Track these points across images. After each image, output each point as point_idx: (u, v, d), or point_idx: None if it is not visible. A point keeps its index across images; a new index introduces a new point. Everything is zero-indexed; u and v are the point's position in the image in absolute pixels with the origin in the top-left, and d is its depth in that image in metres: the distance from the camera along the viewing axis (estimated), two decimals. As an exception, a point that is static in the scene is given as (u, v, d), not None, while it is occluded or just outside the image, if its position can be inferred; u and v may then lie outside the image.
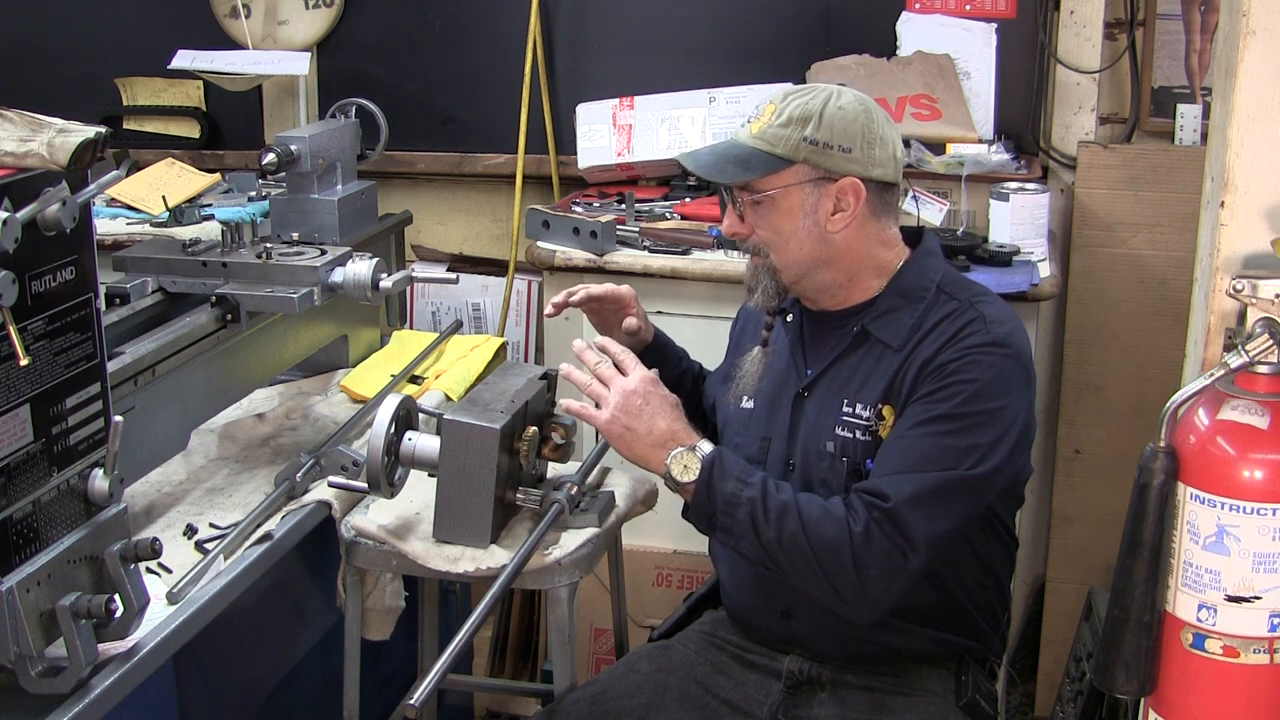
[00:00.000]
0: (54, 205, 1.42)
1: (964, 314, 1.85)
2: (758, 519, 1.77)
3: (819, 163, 1.83)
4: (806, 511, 1.77)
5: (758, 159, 1.84)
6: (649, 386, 1.87)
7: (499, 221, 3.46)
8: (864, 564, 1.74)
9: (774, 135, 1.84)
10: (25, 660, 1.45)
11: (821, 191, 1.84)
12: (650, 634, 2.16)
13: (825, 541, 1.75)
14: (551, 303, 2.13)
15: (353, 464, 2.11)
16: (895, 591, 1.76)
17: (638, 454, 1.85)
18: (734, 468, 1.81)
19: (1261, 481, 1.32)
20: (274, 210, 2.60)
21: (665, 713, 1.93)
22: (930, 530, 1.75)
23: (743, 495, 1.78)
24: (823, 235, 1.86)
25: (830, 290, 1.92)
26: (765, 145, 1.84)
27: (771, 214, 1.86)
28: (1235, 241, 1.41)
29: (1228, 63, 1.40)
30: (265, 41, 3.41)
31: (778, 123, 1.84)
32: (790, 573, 1.78)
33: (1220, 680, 1.38)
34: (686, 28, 3.24)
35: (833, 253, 1.88)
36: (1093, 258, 2.96)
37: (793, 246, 1.87)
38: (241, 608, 1.86)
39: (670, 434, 1.84)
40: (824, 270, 1.89)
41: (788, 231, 1.86)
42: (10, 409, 1.42)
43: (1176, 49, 3.01)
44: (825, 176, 1.84)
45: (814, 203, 1.84)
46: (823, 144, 1.82)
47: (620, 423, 1.85)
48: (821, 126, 1.82)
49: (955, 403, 1.78)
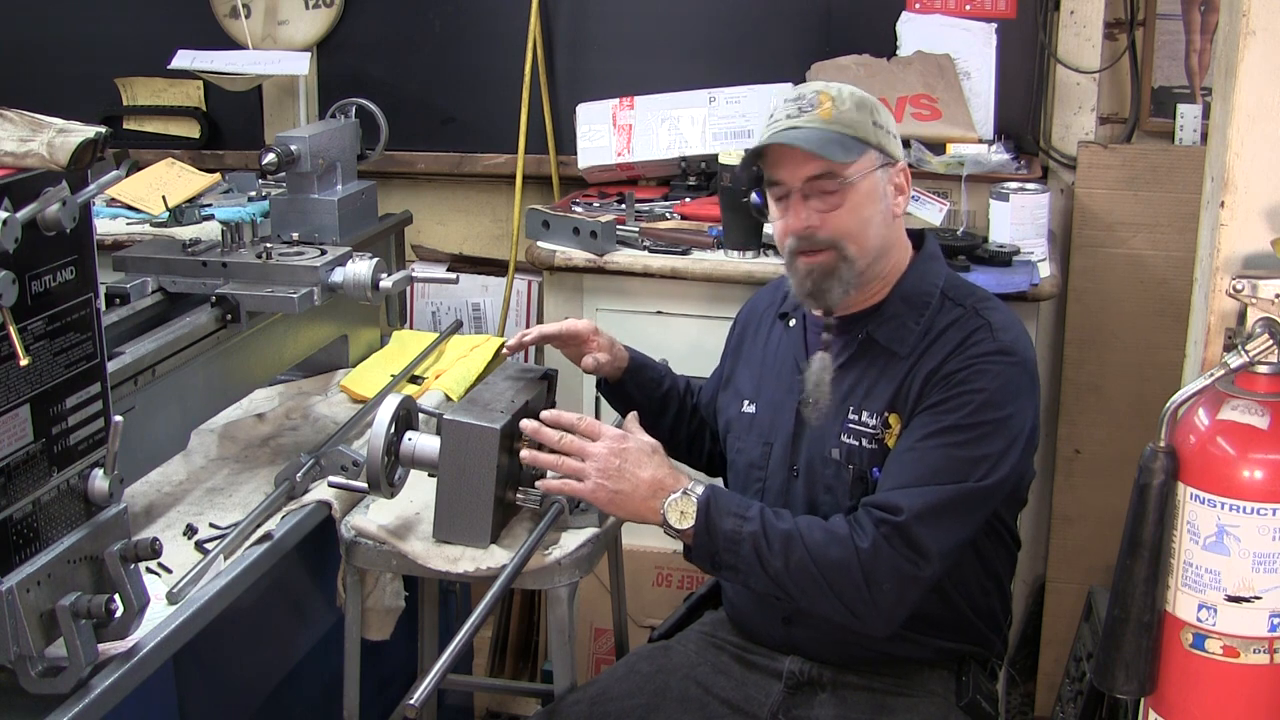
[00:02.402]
0: (54, 205, 1.42)
1: (969, 321, 1.85)
2: (762, 552, 1.75)
3: (885, 146, 1.86)
4: (810, 536, 1.75)
5: (848, 143, 1.82)
6: (620, 445, 1.83)
7: (499, 221, 3.46)
8: (874, 579, 1.73)
9: (851, 120, 1.83)
10: (25, 660, 1.45)
11: (889, 175, 1.87)
12: (650, 634, 2.16)
13: (832, 563, 1.74)
14: (506, 345, 2.10)
15: (353, 464, 2.11)
16: (909, 603, 1.76)
17: (631, 512, 1.82)
18: (730, 504, 1.79)
19: (1261, 481, 1.32)
20: (274, 210, 2.60)
21: (665, 713, 1.93)
22: (943, 543, 1.75)
23: (744, 531, 1.76)
24: (890, 220, 1.88)
25: (871, 286, 1.90)
26: (847, 129, 1.83)
27: (852, 199, 1.83)
28: (1235, 241, 1.41)
29: (1228, 63, 1.40)
30: (265, 41, 3.41)
31: (846, 108, 1.84)
32: (801, 599, 1.78)
33: (1220, 680, 1.38)
34: (686, 28, 3.24)
35: (893, 238, 1.90)
36: (1093, 258, 2.96)
37: (872, 232, 1.85)
38: (241, 608, 1.86)
39: (656, 483, 1.80)
40: (884, 259, 1.89)
41: (868, 216, 1.85)
42: (10, 409, 1.42)
43: (1176, 49, 3.00)
44: (888, 161, 1.87)
45: (884, 186, 1.86)
46: (885, 129, 1.86)
47: (606, 489, 1.81)
48: (877, 111, 1.86)
49: (964, 413, 1.77)
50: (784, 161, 1.84)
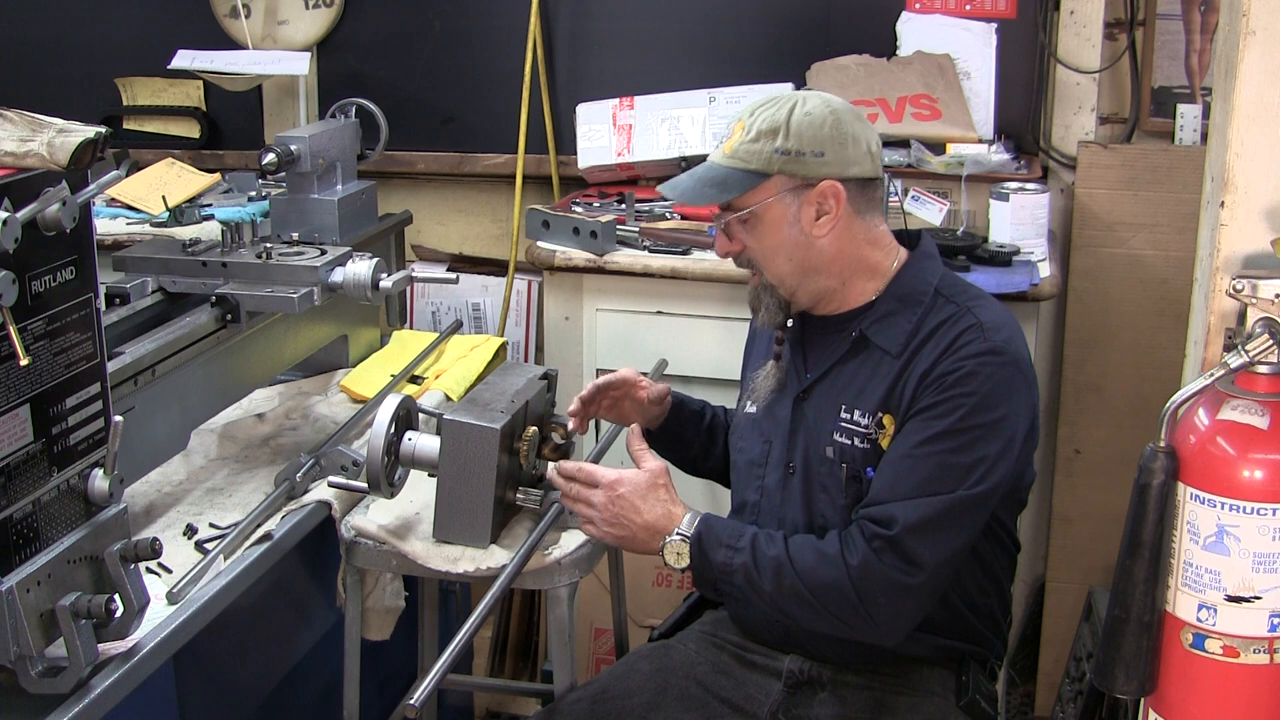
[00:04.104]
0: (54, 205, 1.42)
1: (961, 320, 1.84)
2: (754, 580, 1.80)
3: (794, 171, 1.83)
4: (800, 561, 1.79)
5: (734, 178, 1.85)
6: (614, 491, 1.87)
7: (499, 221, 3.46)
8: (867, 595, 1.75)
9: (746, 152, 1.85)
10: (25, 660, 1.45)
11: (801, 199, 1.84)
12: (650, 634, 2.16)
13: (823, 585, 1.77)
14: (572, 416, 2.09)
15: (353, 464, 2.11)
16: (909, 613, 1.78)
17: (639, 551, 1.90)
18: (722, 534, 1.84)
19: (1261, 481, 1.32)
20: (274, 210, 2.60)
21: (665, 712, 1.93)
22: (938, 552, 1.76)
23: (735, 562, 1.81)
24: (809, 243, 1.86)
25: (827, 296, 1.92)
26: (740, 163, 1.85)
27: (757, 229, 1.87)
28: (1235, 241, 1.41)
29: (1228, 63, 1.40)
30: (265, 41, 3.41)
31: (747, 139, 1.85)
32: (800, 620, 1.83)
33: (1220, 680, 1.38)
34: (686, 28, 3.24)
35: (822, 259, 1.88)
36: (1093, 258, 2.96)
37: (781, 258, 1.88)
38: (241, 608, 1.86)
39: (651, 527, 1.86)
40: (816, 277, 1.89)
41: (774, 244, 1.87)
42: (10, 409, 1.42)
43: (1176, 49, 3.00)
44: (803, 184, 1.84)
45: (795, 212, 1.85)
46: (794, 152, 1.83)
47: (612, 534, 1.88)
48: (790, 135, 1.82)
49: (956, 418, 1.77)
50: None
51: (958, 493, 1.76)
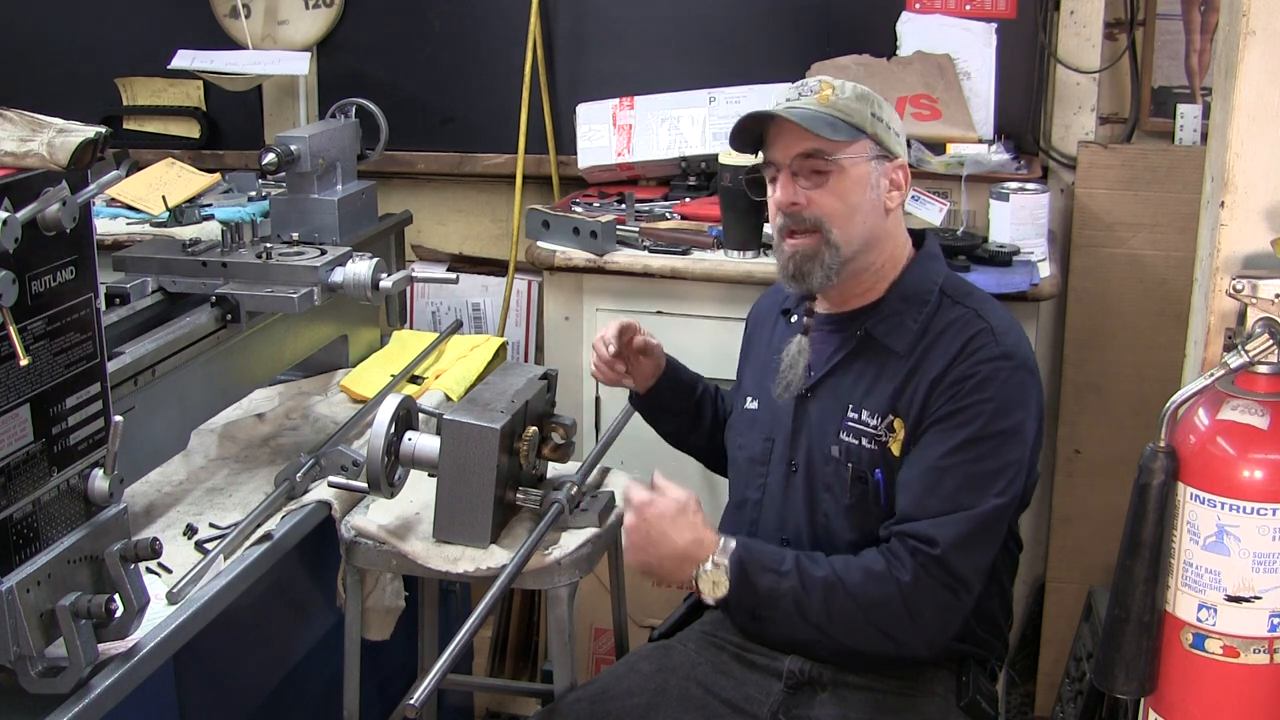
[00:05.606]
0: (54, 205, 1.42)
1: (971, 324, 1.85)
2: (803, 605, 1.78)
3: (882, 139, 1.86)
4: (849, 580, 1.77)
5: (840, 126, 1.84)
6: (642, 514, 1.83)
7: (499, 221, 3.46)
8: (917, 609, 1.76)
9: (847, 106, 1.85)
10: (25, 660, 1.45)
11: (884, 168, 1.87)
12: (650, 634, 2.16)
13: (875, 602, 1.77)
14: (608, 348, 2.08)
15: (353, 464, 2.11)
16: (950, 629, 1.80)
17: (669, 579, 1.85)
18: (763, 558, 1.81)
19: (1261, 481, 1.33)
20: (274, 210, 2.60)
21: (665, 712, 1.93)
22: (979, 566, 1.79)
23: (782, 587, 1.79)
24: (881, 212, 1.88)
25: (861, 278, 1.91)
26: (842, 115, 1.84)
27: (841, 184, 1.85)
28: (1235, 241, 1.41)
29: (1228, 63, 1.40)
30: (265, 41, 3.41)
31: (846, 96, 1.85)
32: (845, 640, 1.81)
33: (1220, 680, 1.38)
34: (686, 28, 3.24)
35: (884, 231, 1.89)
36: (1093, 258, 2.96)
37: (858, 219, 1.86)
38: (241, 608, 1.86)
39: (683, 554, 1.81)
40: (872, 251, 1.89)
41: (855, 203, 1.86)
42: (10, 409, 1.42)
43: (1176, 49, 3.00)
44: (884, 155, 1.87)
45: (877, 177, 1.87)
46: (885, 122, 1.87)
47: (640, 559, 1.84)
48: (880, 106, 1.87)
49: (978, 425, 1.78)
50: (777, 140, 1.87)
51: (988, 502, 1.77)
